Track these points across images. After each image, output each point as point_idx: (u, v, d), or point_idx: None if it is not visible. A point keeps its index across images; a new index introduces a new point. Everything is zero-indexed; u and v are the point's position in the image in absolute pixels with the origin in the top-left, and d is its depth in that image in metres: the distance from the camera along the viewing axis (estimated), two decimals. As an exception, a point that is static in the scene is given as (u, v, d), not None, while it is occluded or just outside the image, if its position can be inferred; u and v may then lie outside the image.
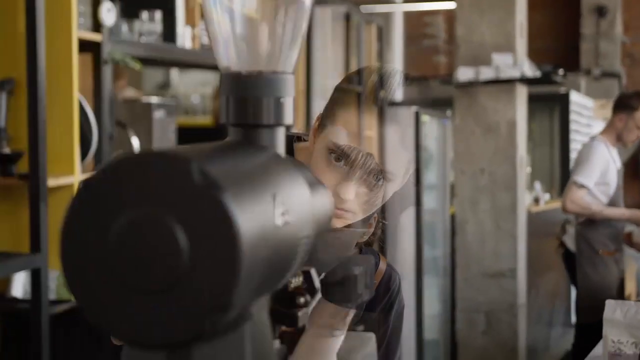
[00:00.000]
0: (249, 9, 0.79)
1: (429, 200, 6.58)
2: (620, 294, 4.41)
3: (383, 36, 6.84)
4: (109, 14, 2.58)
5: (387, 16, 7.90)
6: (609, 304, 1.96)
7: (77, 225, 0.61)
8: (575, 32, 9.35)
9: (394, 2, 8.10)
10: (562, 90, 6.94)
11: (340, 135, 1.25)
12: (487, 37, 5.61)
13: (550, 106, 7.03)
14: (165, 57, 3.08)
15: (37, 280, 2.32)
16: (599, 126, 7.85)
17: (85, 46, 2.58)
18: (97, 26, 2.59)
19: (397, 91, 1.27)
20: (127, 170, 0.60)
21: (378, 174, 1.26)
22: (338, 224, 1.28)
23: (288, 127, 0.79)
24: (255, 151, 0.73)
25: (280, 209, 0.67)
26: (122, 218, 0.60)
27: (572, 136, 7.10)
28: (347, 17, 5.56)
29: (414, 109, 6.88)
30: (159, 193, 0.59)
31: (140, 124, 3.02)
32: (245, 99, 0.76)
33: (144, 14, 2.95)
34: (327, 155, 1.27)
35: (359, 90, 1.27)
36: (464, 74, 5.58)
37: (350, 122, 1.26)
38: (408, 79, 1.30)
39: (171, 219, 0.59)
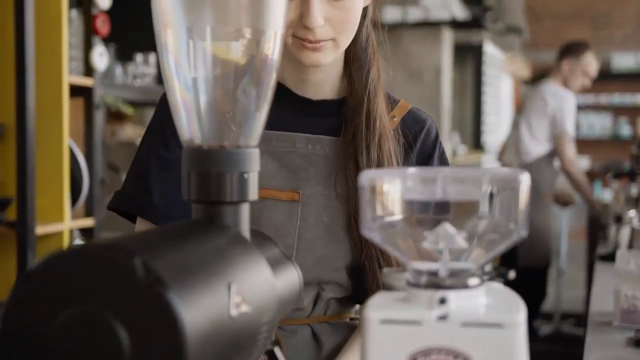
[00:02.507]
0: (212, 78, 0.76)
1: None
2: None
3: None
4: (101, 59, 2.56)
5: None
6: (621, 254, 1.73)
7: (16, 320, 0.58)
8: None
9: None
10: (476, 41, 6.75)
11: None
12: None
13: (462, 56, 6.78)
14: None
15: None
16: (506, 79, 7.80)
17: (78, 90, 2.56)
18: (89, 70, 2.57)
19: None
20: (69, 264, 0.57)
21: None
22: (322, 59, 1.15)
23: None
24: (215, 233, 0.69)
25: (236, 299, 0.63)
26: (62, 315, 0.56)
27: (483, 88, 6.95)
28: None
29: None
30: (101, 289, 0.56)
31: (134, 166, 2.98)
32: (208, 175, 0.73)
33: (138, 57, 2.94)
34: None
35: None
36: (390, 14, 5.33)
37: None
38: None
39: (113, 318, 0.55)
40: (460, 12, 5.33)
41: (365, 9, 1.25)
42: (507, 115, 8.20)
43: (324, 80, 1.24)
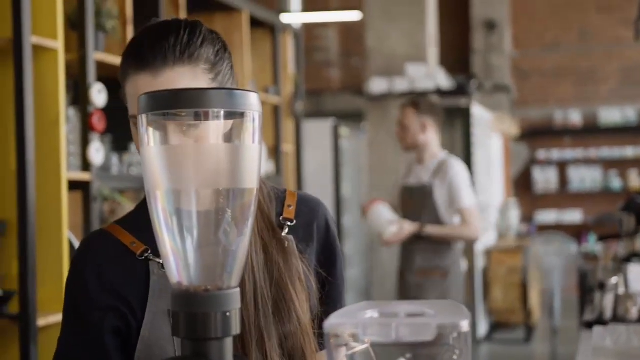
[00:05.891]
0: (197, 230, 0.86)
1: (347, 219, 6.50)
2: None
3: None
4: (97, 154, 2.68)
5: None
6: (597, 331, 1.80)
7: None
8: (465, 46, 9.53)
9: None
10: (463, 104, 6.76)
11: None
12: (399, 48, 5.50)
13: (450, 119, 6.68)
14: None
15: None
16: (496, 139, 7.93)
17: (76, 184, 2.67)
18: (87, 165, 2.69)
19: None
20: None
21: None
22: None
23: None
24: (201, 371, 0.79)
25: None
26: None
27: (472, 149, 7.02)
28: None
29: (331, 121, 6.79)
30: None
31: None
32: (194, 315, 0.83)
33: (133, 146, 3.06)
34: None
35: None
36: (377, 85, 5.46)
37: None
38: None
39: None
40: (445, 82, 5.49)
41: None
42: (499, 174, 8.32)
43: None
